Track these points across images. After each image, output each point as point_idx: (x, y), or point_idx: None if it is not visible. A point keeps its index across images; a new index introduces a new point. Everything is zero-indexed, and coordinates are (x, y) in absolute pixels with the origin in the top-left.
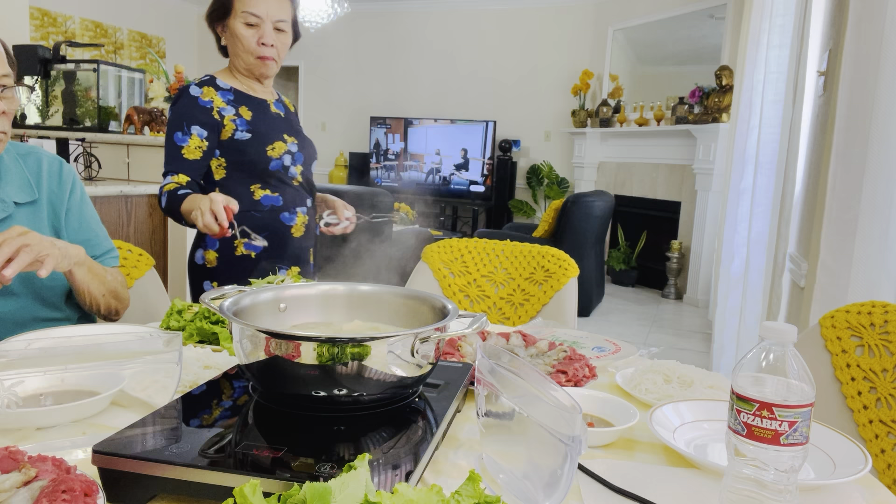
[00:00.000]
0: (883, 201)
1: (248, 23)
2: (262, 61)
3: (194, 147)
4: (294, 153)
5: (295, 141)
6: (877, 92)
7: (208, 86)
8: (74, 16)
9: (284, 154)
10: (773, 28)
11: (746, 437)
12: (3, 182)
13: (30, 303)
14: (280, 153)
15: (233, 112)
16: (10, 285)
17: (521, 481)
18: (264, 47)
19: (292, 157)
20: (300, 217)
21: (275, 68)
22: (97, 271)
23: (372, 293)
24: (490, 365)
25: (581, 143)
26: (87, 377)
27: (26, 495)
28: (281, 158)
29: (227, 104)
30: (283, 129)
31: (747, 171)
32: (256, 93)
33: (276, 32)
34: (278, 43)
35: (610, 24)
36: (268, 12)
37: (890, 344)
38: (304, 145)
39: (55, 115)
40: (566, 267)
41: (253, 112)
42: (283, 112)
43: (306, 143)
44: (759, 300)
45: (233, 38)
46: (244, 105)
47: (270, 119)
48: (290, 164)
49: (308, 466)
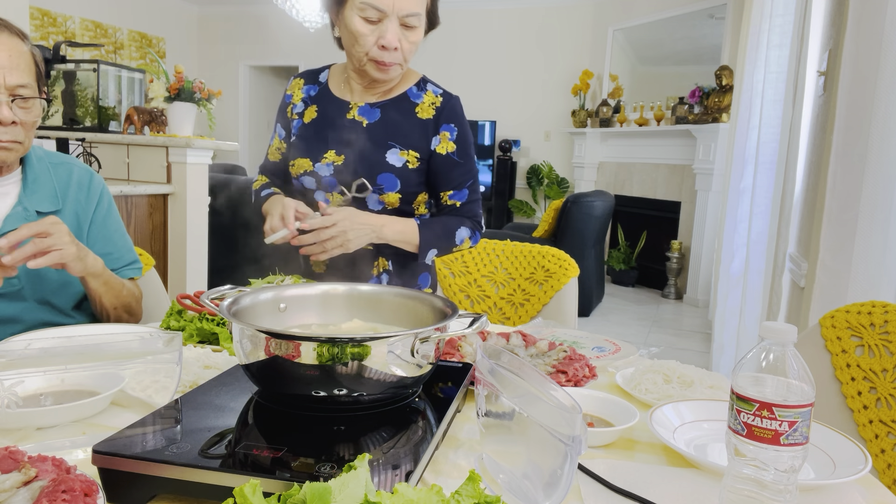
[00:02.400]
0: (883, 201)
1: (366, 17)
2: (378, 66)
3: (275, 148)
4: (322, 177)
5: (335, 162)
6: (877, 92)
7: (301, 77)
8: (74, 16)
9: (304, 175)
10: (773, 28)
11: (746, 437)
12: (30, 191)
13: (37, 307)
14: (298, 173)
15: (301, 109)
16: (20, 289)
17: (521, 481)
18: (384, 51)
19: (318, 180)
20: None
21: (397, 73)
22: (113, 284)
23: (372, 293)
24: (490, 365)
25: (581, 143)
26: (87, 377)
27: (26, 495)
28: (300, 179)
29: (302, 101)
30: (332, 142)
31: (747, 170)
32: (350, 93)
33: (403, 30)
34: (405, 43)
35: (610, 24)
36: (395, 4)
37: (890, 344)
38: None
39: (55, 115)
40: (566, 267)
41: (319, 114)
42: (368, 120)
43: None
44: (759, 300)
45: (347, 32)
46: (318, 105)
47: (327, 127)
48: (313, 188)
49: (308, 466)
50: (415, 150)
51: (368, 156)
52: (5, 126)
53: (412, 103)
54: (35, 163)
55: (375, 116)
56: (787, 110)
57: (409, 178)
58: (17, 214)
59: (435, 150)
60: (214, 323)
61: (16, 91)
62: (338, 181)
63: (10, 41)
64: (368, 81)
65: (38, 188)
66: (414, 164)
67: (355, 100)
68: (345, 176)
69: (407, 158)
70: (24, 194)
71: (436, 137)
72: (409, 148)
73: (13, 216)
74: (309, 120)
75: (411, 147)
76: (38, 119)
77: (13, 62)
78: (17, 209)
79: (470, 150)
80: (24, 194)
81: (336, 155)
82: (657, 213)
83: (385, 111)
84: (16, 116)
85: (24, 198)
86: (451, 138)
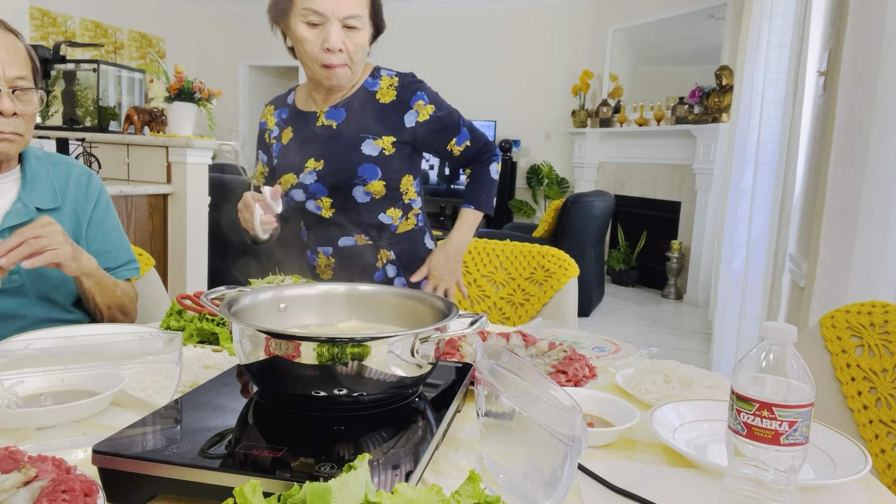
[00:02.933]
0: (883, 201)
1: (309, 21)
2: (328, 70)
3: (259, 173)
4: (308, 185)
5: (317, 168)
6: (877, 92)
7: (271, 104)
8: (74, 16)
9: (294, 189)
10: (773, 28)
11: (746, 437)
12: (30, 188)
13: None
14: (287, 187)
15: (276, 134)
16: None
17: (521, 481)
18: (330, 53)
19: (305, 190)
20: (321, 258)
21: (347, 76)
22: (107, 284)
23: (372, 293)
24: (490, 365)
25: (581, 143)
26: (87, 377)
27: (26, 495)
28: (289, 194)
29: (276, 125)
30: (310, 152)
31: (747, 171)
32: (314, 104)
33: (346, 31)
34: (350, 44)
35: (610, 24)
36: (334, 8)
37: (890, 344)
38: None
39: (55, 115)
40: (566, 267)
41: (294, 133)
42: (336, 121)
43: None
44: (759, 300)
45: (294, 39)
46: (291, 125)
47: (303, 140)
48: (303, 199)
49: (308, 466)
50: (388, 135)
51: (345, 153)
52: (7, 117)
53: (371, 92)
54: (34, 161)
55: (342, 116)
56: (787, 110)
57: (388, 164)
58: (16, 211)
59: (417, 122)
60: (214, 323)
61: (15, 83)
62: (324, 185)
63: (5, 37)
64: (326, 89)
65: (38, 185)
66: (390, 150)
67: (321, 107)
68: (328, 178)
69: (382, 146)
70: (23, 191)
71: (410, 112)
72: (382, 135)
73: (13, 212)
74: (287, 140)
75: (384, 133)
76: (37, 112)
77: (10, 56)
78: (16, 206)
79: (443, 101)
80: (24, 191)
81: (315, 161)
82: (657, 213)
83: (349, 108)
84: (16, 108)
85: (23, 194)
86: (425, 103)
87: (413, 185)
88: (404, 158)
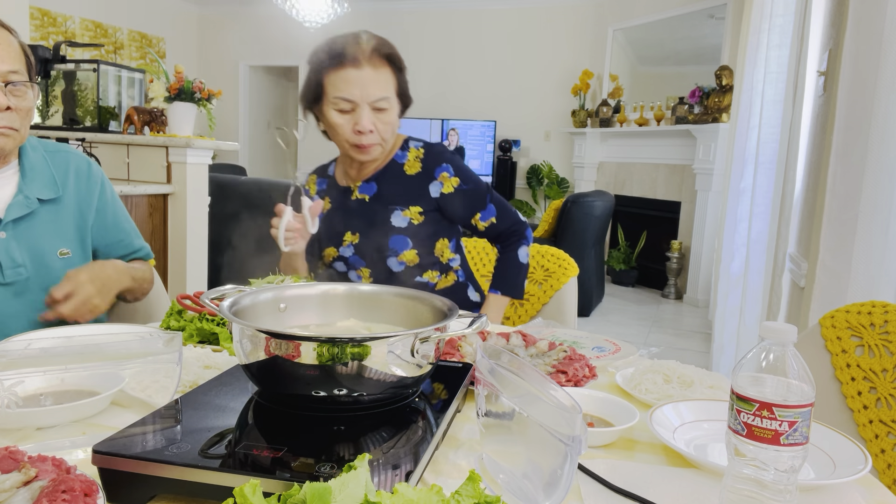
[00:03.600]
0: (883, 201)
1: (340, 109)
2: (360, 150)
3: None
4: (347, 257)
5: (353, 241)
6: (877, 92)
7: (314, 174)
8: (74, 16)
9: (335, 261)
10: (773, 28)
11: (746, 437)
12: (28, 179)
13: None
14: (330, 259)
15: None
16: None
17: (521, 481)
18: (361, 135)
19: (345, 262)
20: None
21: (378, 151)
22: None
23: (372, 293)
24: (490, 365)
25: (581, 143)
26: (87, 377)
27: (26, 495)
28: (332, 266)
29: (317, 194)
30: (347, 225)
31: (747, 171)
32: (348, 178)
33: (375, 113)
34: (380, 124)
35: (610, 24)
36: (363, 94)
37: (890, 344)
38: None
39: (55, 115)
40: (566, 267)
41: (332, 205)
42: (369, 194)
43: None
44: (759, 300)
45: (328, 125)
46: (329, 196)
47: (341, 214)
48: (345, 270)
49: (308, 466)
50: (415, 205)
51: (376, 226)
52: (1, 111)
53: (399, 165)
54: (30, 151)
55: (373, 189)
56: (787, 110)
57: (417, 234)
58: (19, 203)
59: (442, 194)
60: (214, 323)
61: (7, 77)
62: (361, 257)
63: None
64: (359, 164)
65: (37, 176)
66: (418, 220)
67: (355, 181)
68: (364, 250)
69: (410, 216)
70: (23, 182)
71: (434, 183)
72: (409, 205)
73: (15, 205)
74: (325, 211)
75: (410, 204)
76: (32, 107)
77: (3, 51)
78: (18, 198)
79: (471, 174)
80: (24, 182)
81: (352, 235)
82: (657, 213)
83: (379, 181)
84: (10, 102)
85: (23, 186)
86: (450, 175)
87: (449, 247)
88: (435, 224)
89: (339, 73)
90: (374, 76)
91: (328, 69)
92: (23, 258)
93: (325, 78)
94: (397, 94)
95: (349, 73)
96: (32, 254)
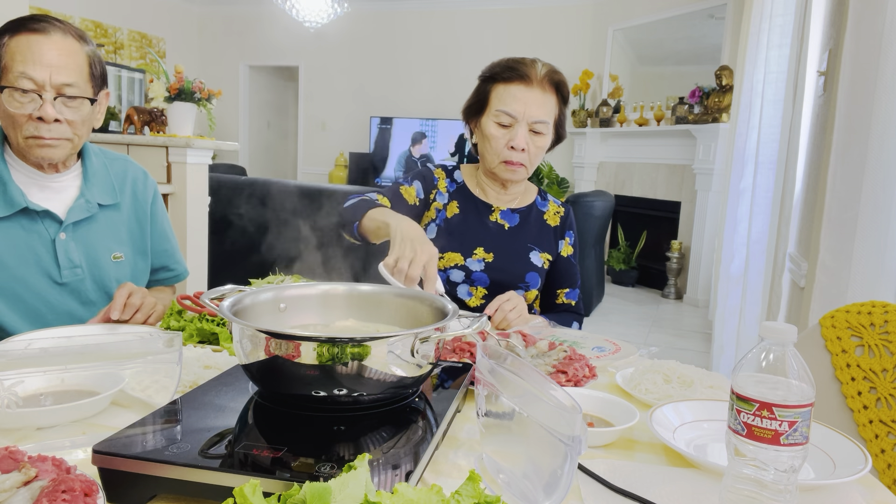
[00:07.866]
0: (883, 201)
1: (500, 122)
2: (507, 166)
3: (413, 193)
4: (473, 271)
5: (486, 259)
6: (877, 92)
7: (444, 170)
8: (74, 16)
9: (453, 269)
10: (773, 28)
11: (746, 437)
12: (90, 184)
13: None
14: (447, 265)
15: (444, 202)
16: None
17: (521, 481)
18: (513, 151)
19: (467, 274)
20: None
21: (523, 175)
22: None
23: (372, 293)
24: (490, 365)
25: (581, 143)
26: (87, 377)
27: (26, 495)
28: (446, 272)
29: (446, 191)
30: (480, 240)
31: (747, 170)
32: (486, 196)
33: (531, 134)
34: (532, 147)
35: (610, 24)
36: (525, 112)
37: (890, 344)
38: (503, 267)
39: None
40: None
41: (462, 213)
42: (510, 223)
43: (512, 265)
44: (759, 300)
45: (482, 137)
46: (458, 202)
47: (475, 226)
48: (458, 281)
49: (308, 466)
50: (548, 252)
51: (516, 256)
52: (48, 123)
53: (541, 211)
54: (93, 158)
55: (515, 221)
56: (787, 110)
57: (542, 278)
58: (80, 206)
59: (560, 253)
60: (214, 323)
61: (62, 90)
62: (489, 277)
63: (63, 41)
64: (500, 184)
65: (98, 181)
66: (546, 266)
67: (496, 204)
68: (495, 272)
69: (543, 260)
70: (85, 187)
71: (560, 241)
72: (545, 251)
73: (76, 208)
74: (452, 215)
75: (546, 250)
76: (90, 118)
77: (62, 61)
78: (79, 201)
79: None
80: (86, 187)
81: (485, 252)
82: (657, 213)
83: (523, 217)
84: (60, 114)
85: (85, 190)
86: (570, 243)
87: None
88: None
89: (508, 88)
90: (541, 98)
91: (499, 82)
92: (80, 259)
93: (492, 89)
94: (554, 124)
95: (518, 88)
96: (88, 256)
